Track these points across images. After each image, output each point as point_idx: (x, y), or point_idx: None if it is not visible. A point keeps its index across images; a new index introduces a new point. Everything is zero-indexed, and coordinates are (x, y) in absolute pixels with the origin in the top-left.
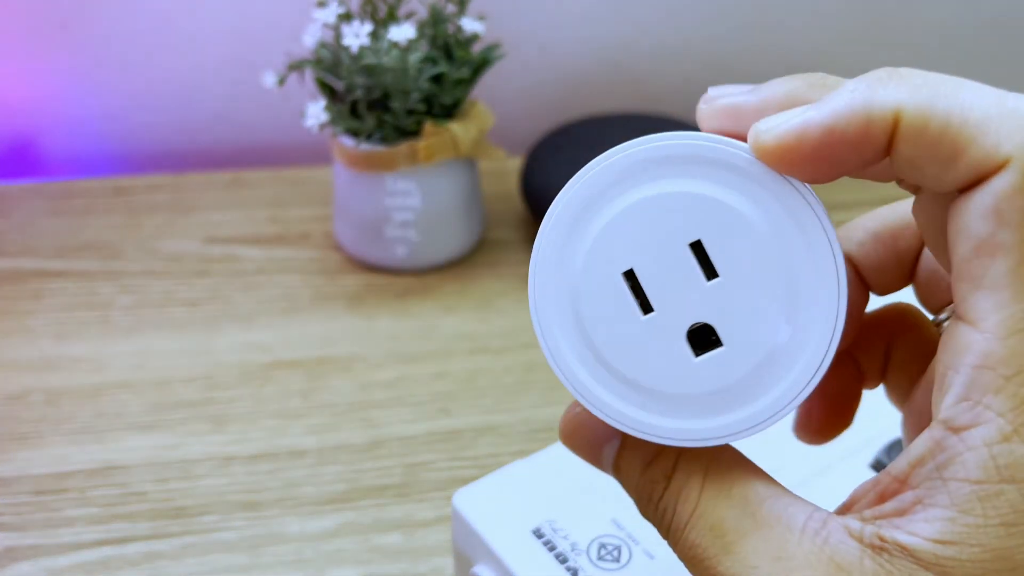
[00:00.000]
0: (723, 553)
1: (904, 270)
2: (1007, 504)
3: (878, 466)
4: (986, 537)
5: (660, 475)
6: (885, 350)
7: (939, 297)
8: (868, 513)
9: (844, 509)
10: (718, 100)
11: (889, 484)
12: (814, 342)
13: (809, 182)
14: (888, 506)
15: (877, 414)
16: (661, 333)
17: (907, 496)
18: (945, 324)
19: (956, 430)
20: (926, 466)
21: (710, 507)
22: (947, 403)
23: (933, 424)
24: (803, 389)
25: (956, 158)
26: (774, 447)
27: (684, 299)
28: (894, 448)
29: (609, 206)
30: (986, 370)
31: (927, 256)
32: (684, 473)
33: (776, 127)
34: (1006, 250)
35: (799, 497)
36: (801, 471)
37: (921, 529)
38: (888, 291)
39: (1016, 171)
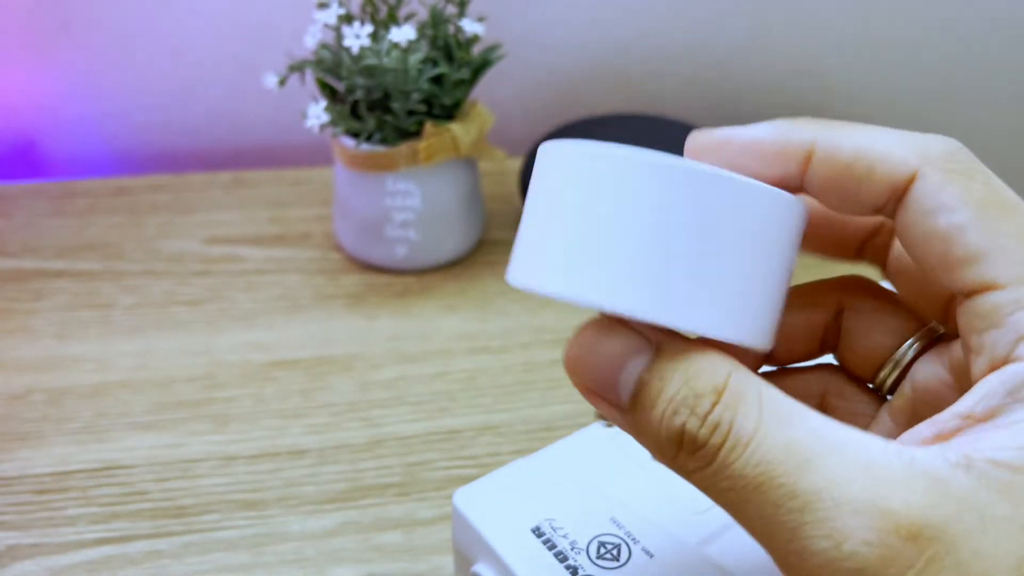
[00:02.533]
0: (802, 469)
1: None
2: None
3: None
4: None
5: (709, 388)
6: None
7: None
8: (937, 446)
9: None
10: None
11: (948, 422)
12: None
13: None
14: (959, 439)
15: None
16: None
17: (978, 428)
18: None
19: None
20: (994, 397)
21: (775, 427)
22: (1006, 345)
23: (993, 372)
24: None
25: (871, 174)
26: None
27: None
28: None
29: None
30: None
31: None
32: (738, 389)
33: (710, 132)
34: (966, 226)
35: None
36: None
37: (1008, 441)
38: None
39: (932, 171)
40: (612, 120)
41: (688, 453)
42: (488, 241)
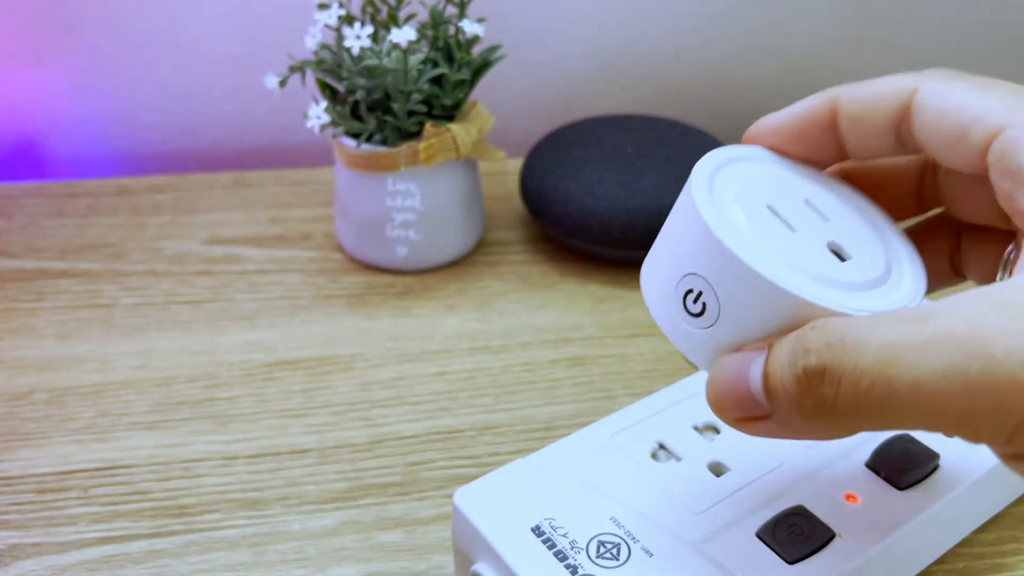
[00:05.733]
0: (927, 316)
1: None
2: None
3: (873, 463)
4: None
5: (811, 330)
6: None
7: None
8: None
9: None
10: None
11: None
12: (908, 264)
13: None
14: None
15: None
16: (808, 244)
17: None
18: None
19: None
20: None
21: (883, 317)
22: None
23: None
24: (919, 290)
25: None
26: (774, 446)
27: (813, 228)
28: (886, 448)
29: (731, 179)
30: None
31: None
32: (833, 318)
33: (762, 122)
34: None
35: None
36: (799, 469)
37: None
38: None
39: (1015, 130)
40: (612, 120)
41: (823, 382)
42: (488, 241)
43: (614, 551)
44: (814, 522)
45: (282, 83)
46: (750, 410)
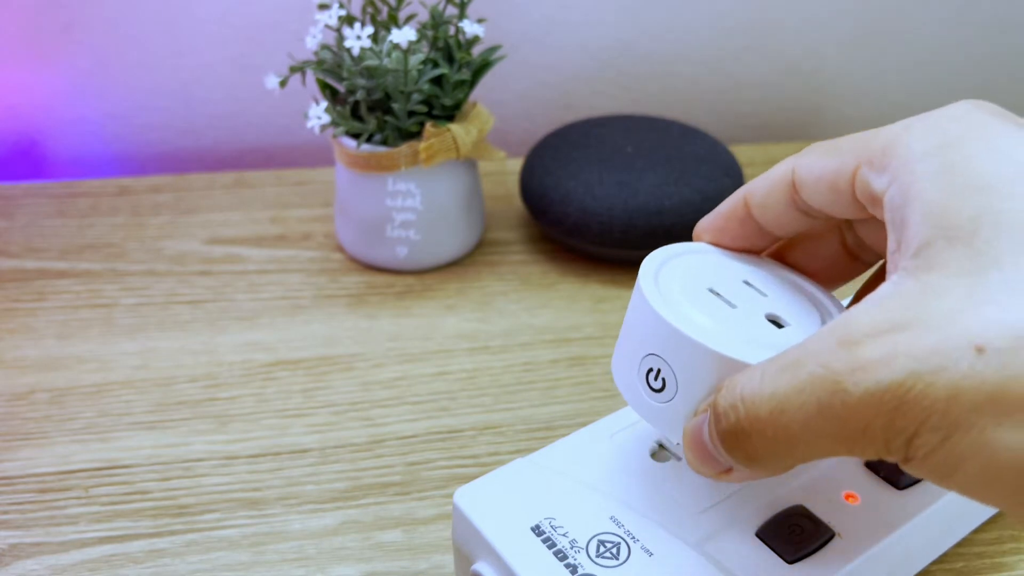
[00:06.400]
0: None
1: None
2: None
3: (873, 463)
4: None
5: (718, 392)
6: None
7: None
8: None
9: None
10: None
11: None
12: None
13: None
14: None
15: None
16: (748, 317)
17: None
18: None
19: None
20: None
21: (757, 370)
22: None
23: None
24: None
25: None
26: None
27: (752, 303)
28: None
29: (675, 270)
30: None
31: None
32: (735, 376)
33: (702, 221)
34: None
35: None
36: (799, 468)
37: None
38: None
39: (864, 167)
40: (612, 120)
41: (740, 440)
42: (488, 241)
43: (614, 550)
44: (814, 522)
45: (282, 83)
46: (718, 466)
